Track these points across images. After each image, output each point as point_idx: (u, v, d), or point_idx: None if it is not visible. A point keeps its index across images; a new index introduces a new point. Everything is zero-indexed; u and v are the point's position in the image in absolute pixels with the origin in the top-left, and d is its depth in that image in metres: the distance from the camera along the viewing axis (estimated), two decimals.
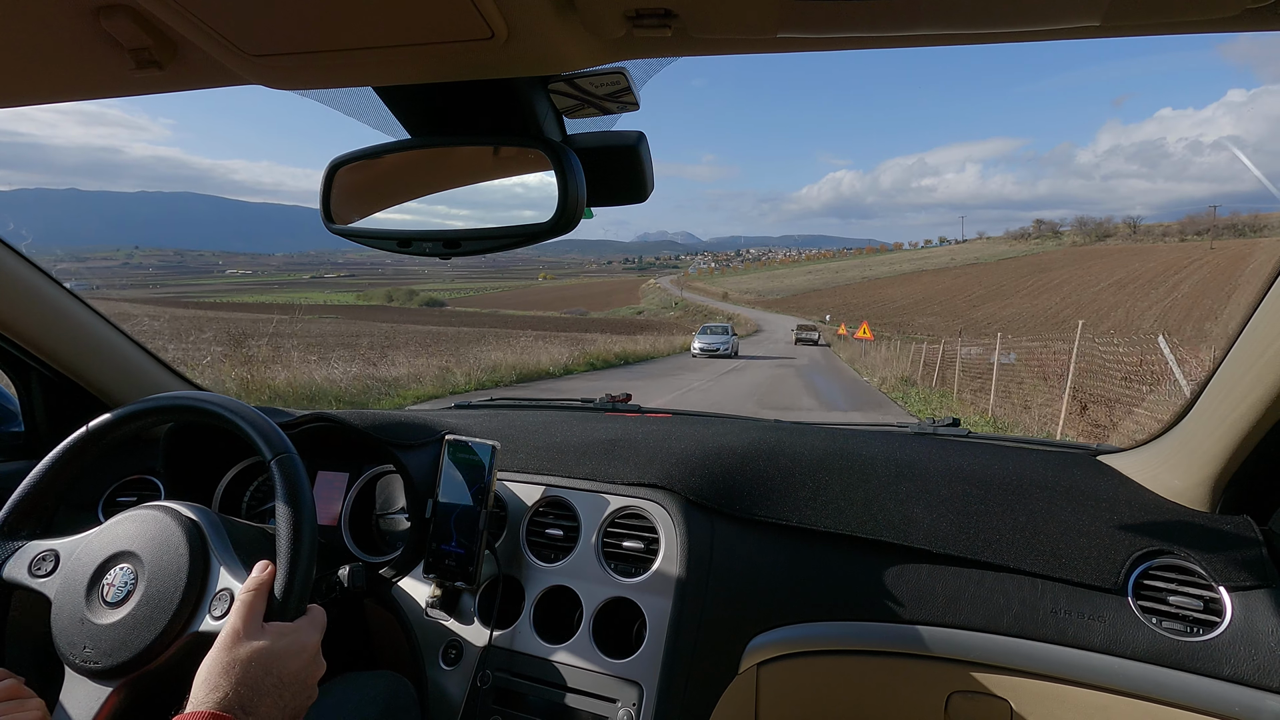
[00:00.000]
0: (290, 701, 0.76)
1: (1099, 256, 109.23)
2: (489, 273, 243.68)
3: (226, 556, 0.87)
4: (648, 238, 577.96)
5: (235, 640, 0.76)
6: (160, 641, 0.81)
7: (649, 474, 1.20)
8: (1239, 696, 0.90)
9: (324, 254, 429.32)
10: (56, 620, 0.84)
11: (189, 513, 0.90)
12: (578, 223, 0.75)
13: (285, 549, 0.84)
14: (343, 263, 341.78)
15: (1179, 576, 0.99)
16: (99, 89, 0.70)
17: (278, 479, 0.88)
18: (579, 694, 1.05)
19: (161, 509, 0.91)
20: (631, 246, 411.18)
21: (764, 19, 0.51)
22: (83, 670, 0.81)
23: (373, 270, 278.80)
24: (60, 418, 1.51)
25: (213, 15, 0.54)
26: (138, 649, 0.80)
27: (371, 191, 0.87)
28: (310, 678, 0.80)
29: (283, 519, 0.85)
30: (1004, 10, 0.48)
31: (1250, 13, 0.46)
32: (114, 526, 0.90)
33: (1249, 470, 0.98)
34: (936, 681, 1.07)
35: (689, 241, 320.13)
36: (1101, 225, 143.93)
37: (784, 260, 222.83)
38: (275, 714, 0.74)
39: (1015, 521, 1.09)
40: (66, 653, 0.82)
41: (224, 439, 1.29)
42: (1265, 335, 0.87)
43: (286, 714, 0.76)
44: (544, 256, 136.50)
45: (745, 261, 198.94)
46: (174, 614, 0.82)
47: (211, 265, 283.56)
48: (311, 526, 0.86)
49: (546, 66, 0.62)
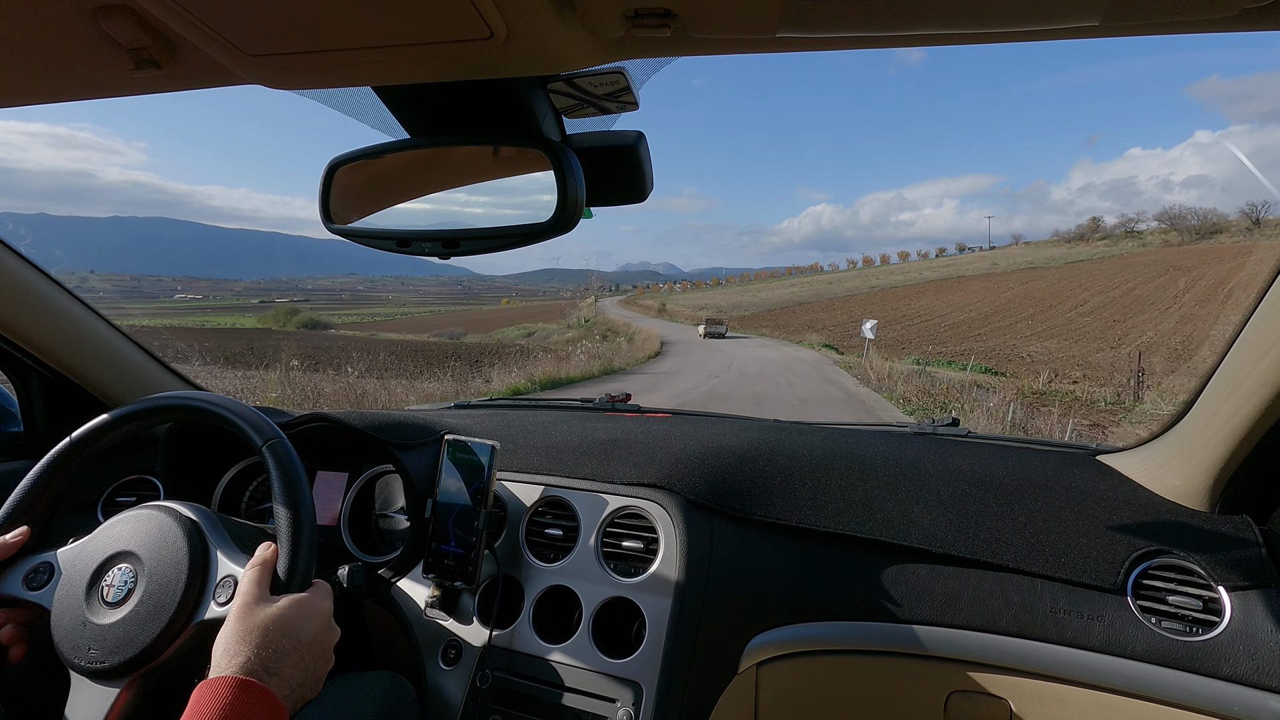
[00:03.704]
0: (311, 664, 0.77)
1: (1238, 254, 69.35)
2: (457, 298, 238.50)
3: (226, 548, 0.88)
4: (630, 268, 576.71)
5: (248, 610, 0.77)
6: (166, 633, 0.81)
7: (648, 474, 1.20)
8: (1238, 696, 0.90)
9: (294, 280, 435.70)
10: (57, 627, 0.84)
11: (187, 511, 0.90)
12: (577, 222, 0.75)
13: (285, 528, 0.84)
14: (311, 289, 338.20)
15: (1178, 576, 0.99)
16: (98, 89, 0.70)
17: (271, 463, 0.88)
18: (578, 694, 1.05)
19: (159, 508, 0.91)
20: (613, 275, 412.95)
21: (763, 19, 0.51)
22: (89, 672, 0.80)
23: (333, 295, 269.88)
24: (59, 417, 1.51)
25: (212, 15, 0.54)
26: (144, 643, 0.80)
27: (371, 191, 0.87)
28: (327, 641, 0.81)
29: (280, 501, 0.86)
30: (1004, 10, 0.48)
31: (1249, 12, 0.46)
32: (110, 528, 0.90)
33: (1248, 470, 0.98)
34: (936, 681, 1.07)
35: (670, 272, 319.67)
36: (1209, 221, 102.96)
37: (760, 276, 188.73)
38: (298, 675, 0.75)
39: (1015, 521, 1.09)
40: (70, 657, 0.81)
41: (222, 439, 1.29)
42: (1265, 335, 0.87)
43: (308, 676, 0.77)
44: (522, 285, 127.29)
45: (721, 285, 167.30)
46: (178, 605, 0.82)
47: (167, 290, 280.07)
48: (309, 506, 0.87)
49: (546, 66, 0.62)
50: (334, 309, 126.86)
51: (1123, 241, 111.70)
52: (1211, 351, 4.05)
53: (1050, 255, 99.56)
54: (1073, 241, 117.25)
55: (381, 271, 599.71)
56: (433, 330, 52.05)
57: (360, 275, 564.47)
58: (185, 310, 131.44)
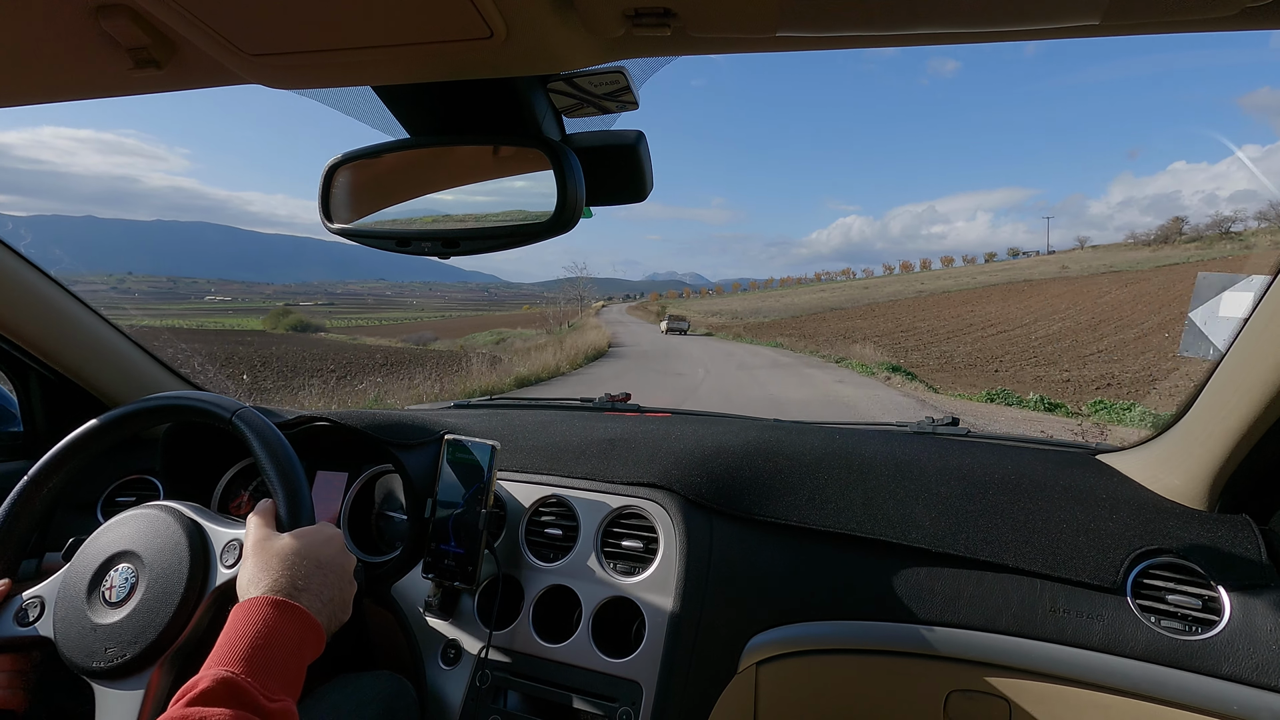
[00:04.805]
0: (336, 582, 0.79)
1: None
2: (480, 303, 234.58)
3: (223, 521, 0.89)
4: (656, 277, 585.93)
5: (262, 546, 0.78)
6: (184, 608, 0.81)
7: (648, 473, 1.20)
8: (1237, 695, 0.90)
9: (324, 284, 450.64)
10: (65, 644, 0.83)
11: (185, 509, 0.90)
12: (577, 222, 0.75)
13: (276, 478, 0.86)
14: (341, 293, 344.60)
15: (1178, 575, 0.99)
16: (97, 89, 0.70)
17: (244, 430, 0.89)
18: (578, 693, 1.05)
19: (156, 507, 0.91)
20: (639, 285, 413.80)
21: (763, 18, 0.51)
22: (112, 671, 0.80)
23: (358, 300, 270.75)
24: (59, 417, 1.51)
25: (211, 14, 0.54)
26: (162, 624, 0.80)
27: (370, 191, 0.87)
28: (347, 564, 0.82)
29: (264, 460, 0.87)
30: (1004, 9, 0.48)
31: (1249, 11, 0.46)
32: (107, 531, 0.90)
33: (1248, 470, 0.98)
34: (935, 680, 1.07)
35: (696, 282, 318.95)
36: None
37: (786, 282, 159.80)
38: (326, 592, 0.76)
39: (1014, 521, 1.09)
40: (88, 664, 0.80)
41: (221, 438, 1.29)
42: (1264, 336, 0.87)
43: (336, 594, 0.78)
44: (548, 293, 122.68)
45: (743, 291, 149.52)
46: (187, 581, 0.82)
47: (200, 291, 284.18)
48: (292, 454, 0.89)
49: (545, 65, 0.62)
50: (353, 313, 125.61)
51: (1218, 244, 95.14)
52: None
53: (1131, 259, 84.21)
54: (1154, 245, 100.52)
55: (409, 277, 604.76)
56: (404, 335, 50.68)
57: (389, 280, 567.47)
58: (206, 311, 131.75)
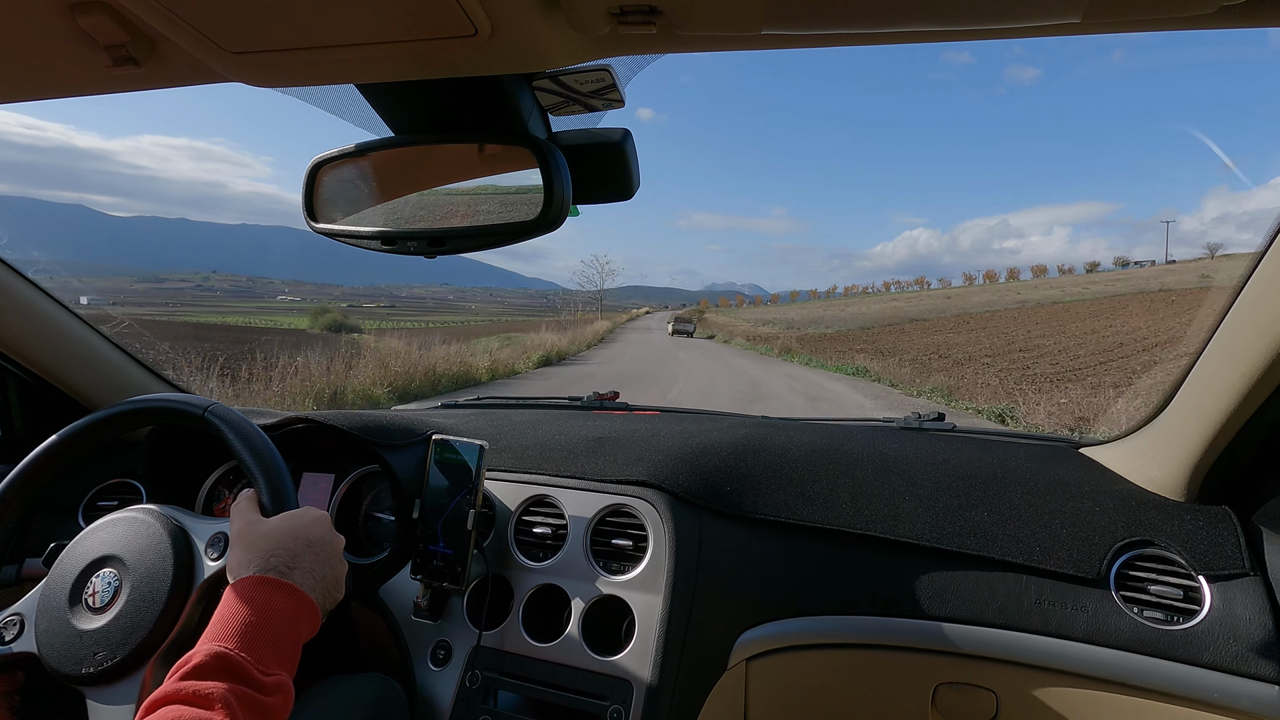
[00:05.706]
0: (327, 560, 0.79)
1: None
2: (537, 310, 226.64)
3: (206, 519, 0.88)
4: (715, 287, 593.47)
5: (248, 531, 0.78)
6: (171, 606, 0.80)
7: (636, 471, 1.20)
8: (1218, 683, 0.91)
9: (389, 287, 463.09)
10: (49, 655, 0.81)
11: (167, 512, 0.89)
12: (563, 220, 0.75)
13: (255, 466, 0.86)
14: (405, 295, 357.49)
15: (1160, 566, 1.00)
16: (74, 87, 0.69)
17: (217, 424, 0.89)
18: (569, 692, 1.05)
19: (138, 510, 0.90)
20: (696, 294, 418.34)
21: (748, 15, 0.51)
22: (102, 676, 0.78)
23: (419, 303, 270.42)
24: (38, 421, 1.49)
25: (191, 12, 0.53)
26: (151, 622, 0.79)
27: (355, 190, 0.86)
28: (336, 544, 0.82)
29: (242, 450, 0.87)
30: (986, 7, 0.48)
31: (1226, 10, 0.47)
32: (88, 536, 0.89)
33: (1227, 462, 1.00)
34: (924, 673, 1.08)
35: (754, 293, 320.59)
36: None
37: (850, 290, 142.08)
38: (316, 569, 0.76)
39: (999, 514, 1.10)
40: (76, 671, 0.79)
41: (205, 442, 1.27)
42: (1243, 328, 0.89)
43: (328, 572, 0.78)
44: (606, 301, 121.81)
45: (801, 301, 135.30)
46: (173, 578, 0.81)
47: (274, 291, 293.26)
48: (269, 443, 0.89)
49: (531, 63, 0.61)
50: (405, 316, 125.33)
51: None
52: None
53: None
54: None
55: (474, 282, 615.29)
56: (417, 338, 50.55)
57: (452, 285, 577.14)
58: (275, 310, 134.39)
